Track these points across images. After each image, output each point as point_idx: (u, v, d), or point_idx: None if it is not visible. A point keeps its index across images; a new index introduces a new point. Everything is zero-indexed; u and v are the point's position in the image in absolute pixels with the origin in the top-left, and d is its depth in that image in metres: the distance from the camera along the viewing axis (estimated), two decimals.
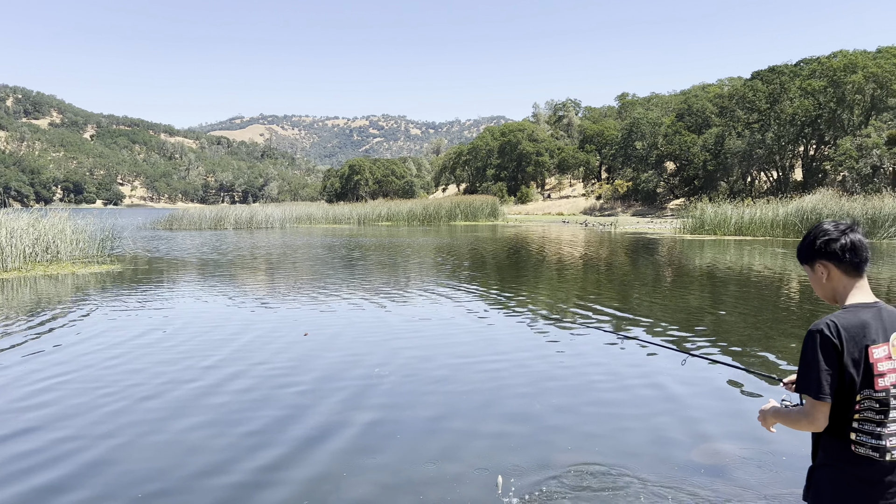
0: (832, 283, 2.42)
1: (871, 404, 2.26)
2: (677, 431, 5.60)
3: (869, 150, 43.30)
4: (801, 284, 15.31)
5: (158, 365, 7.81)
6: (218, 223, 46.76)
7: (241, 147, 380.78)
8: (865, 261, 2.39)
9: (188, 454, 5.13)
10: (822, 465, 2.36)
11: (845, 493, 2.29)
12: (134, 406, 6.29)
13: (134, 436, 5.52)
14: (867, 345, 2.26)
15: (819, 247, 2.41)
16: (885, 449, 2.26)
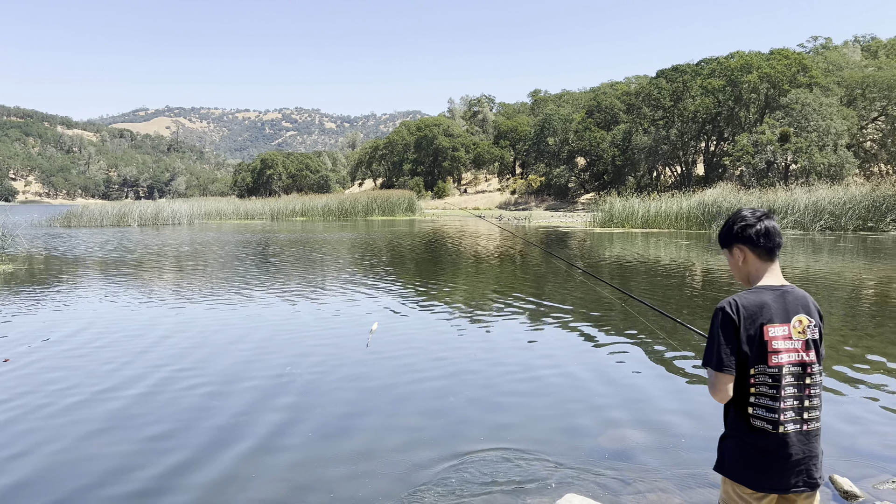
0: (747, 266, 2.58)
1: (765, 379, 2.42)
2: (586, 418, 5.74)
3: (763, 147, 45.84)
4: (704, 274, 16.05)
5: (53, 371, 7.37)
6: (121, 220, 44.68)
7: (146, 140, 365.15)
8: (777, 246, 2.55)
9: (84, 463, 4.86)
10: (727, 436, 2.55)
11: (743, 462, 2.46)
12: (25, 415, 5.91)
13: (26, 446, 5.18)
14: (763, 323, 2.42)
15: (737, 231, 2.57)
16: (778, 422, 2.41)
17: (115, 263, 19.19)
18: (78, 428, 5.58)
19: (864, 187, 35.16)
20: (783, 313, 2.45)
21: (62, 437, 5.38)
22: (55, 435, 5.41)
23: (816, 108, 45.63)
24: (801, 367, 2.45)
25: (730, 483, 2.51)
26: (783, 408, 2.41)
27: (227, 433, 5.45)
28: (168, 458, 4.93)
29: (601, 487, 4.37)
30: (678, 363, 7.60)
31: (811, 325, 2.48)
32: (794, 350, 2.44)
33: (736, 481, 2.48)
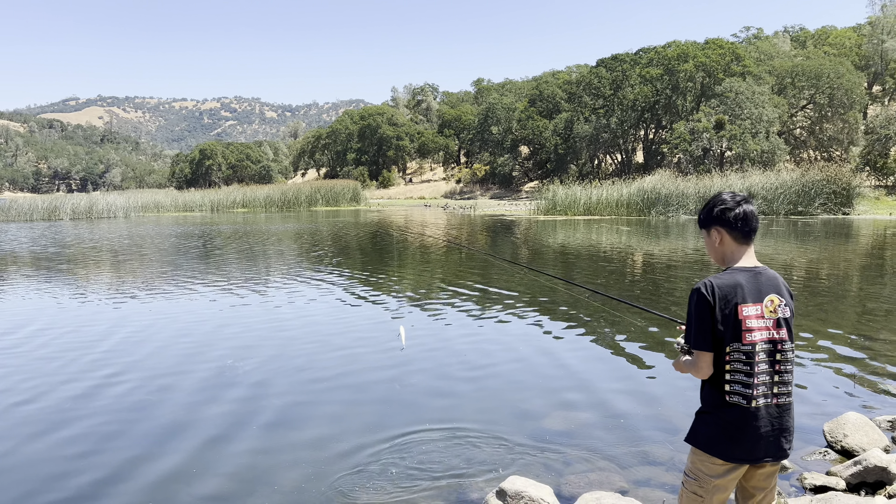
0: (723, 248, 2.66)
1: (739, 357, 2.53)
2: (532, 401, 5.83)
3: (700, 134, 47.08)
4: (645, 259, 16.45)
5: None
6: (52, 213, 43.00)
7: (78, 131, 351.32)
8: (754, 230, 2.65)
9: (24, 466, 4.70)
10: (702, 411, 2.64)
11: (717, 436, 2.55)
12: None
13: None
14: (737, 303, 2.53)
15: (716, 214, 2.64)
16: (751, 396, 2.52)
17: (49, 259, 18.47)
18: (18, 429, 5.38)
19: (795, 173, 36.58)
20: (756, 293, 2.56)
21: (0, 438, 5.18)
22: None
23: (749, 96, 47.08)
24: (773, 345, 2.56)
25: (701, 455, 2.59)
26: (756, 383, 2.52)
27: (169, 430, 5.34)
28: (106, 457, 4.81)
29: (545, 468, 4.47)
30: (622, 346, 7.79)
31: (782, 304, 2.59)
32: (766, 328, 2.55)
33: (710, 454, 2.56)
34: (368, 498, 4.15)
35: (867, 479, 4.09)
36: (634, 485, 4.24)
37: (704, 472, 2.58)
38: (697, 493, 2.59)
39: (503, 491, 3.74)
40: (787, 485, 4.21)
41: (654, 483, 4.26)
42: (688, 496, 2.63)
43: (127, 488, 4.32)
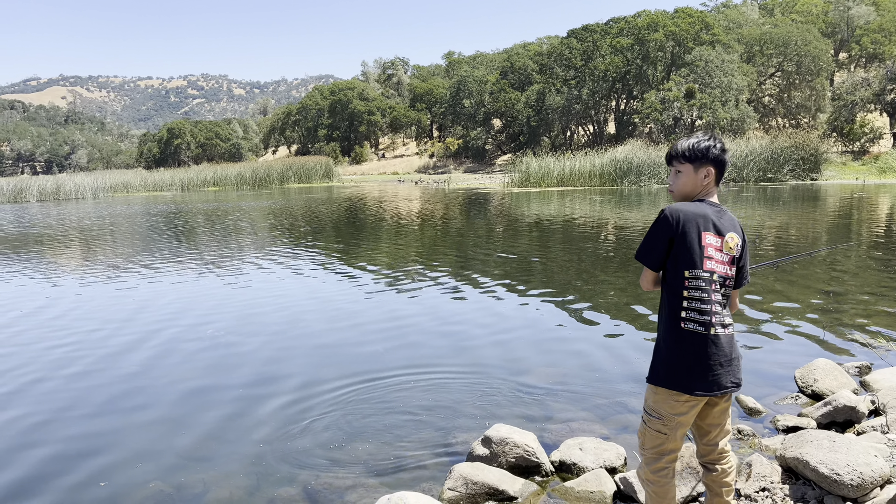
0: (708, 185, 2.73)
1: (698, 283, 2.59)
2: (512, 359, 5.93)
3: (670, 103, 47.37)
4: (617, 228, 16.63)
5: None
6: (18, 195, 42.11)
7: (41, 112, 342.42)
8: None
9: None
10: (659, 346, 2.69)
11: (677, 369, 2.59)
12: None
13: None
14: (701, 230, 2.61)
15: (714, 155, 2.71)
16: (710, 324, 2.58)
17: (18, 239, 18.14)
18: (20, 402, 5.35)
19: (764, 140, 37.07)
20: (718, 227, 2.64)
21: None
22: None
23: (719, 64, 47.38)
24: (724, 280, 2.64)
25: (662, 392, 2.63)
26: (713, 311, 2.58)
27: (170, 391, 5.35)
28: (83, 426, 4.81)
29: (527, 419, 4.57)
30: (598, 305, 7.92)
31: (738, 244, 2.69)
32: (722, 262, 2.63)
33: (671, 388, 2.60)
34: (353, 449, 4.21)
35: (837, 418, 4.25)
36: (615, 432, 4.36)
37: (668, 410, 2.62)
38: (661, 431, 2.65)
39: (488, 438, 3.82)
40: (760, 427, 4.36)
41: (633, 429, 4.37)
42: (651, 434, 2.68)
43: (92, 467, 4.34)
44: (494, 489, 3.47)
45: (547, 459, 3.80)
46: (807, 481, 3.40)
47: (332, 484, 3.83)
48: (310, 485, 3.83)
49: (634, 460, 3.89)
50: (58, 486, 3.95)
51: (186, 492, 3.82)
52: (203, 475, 4.00)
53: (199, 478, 3.97)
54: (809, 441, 3.47)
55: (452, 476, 3.55)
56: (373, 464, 4.06)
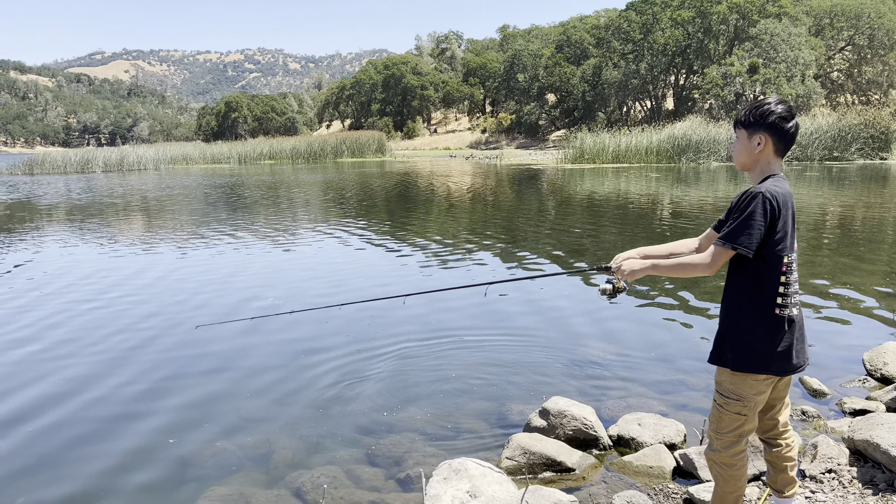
0: (761, 155, 2.54)
1: (792, 267, 2.49)
2: (563, 337, 5.91)
3: (732, 78, 45.87)
4: (673, 206, 16.29)
5: (41, 318, 7.34)
6: (85, 166, 43.62)
7: (105, 85, 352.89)
8: (792, 146, 2.59)
9: (75, 396, 4.91)
10: (740, 330, 2.52)
11: (768, 354, 2.48)
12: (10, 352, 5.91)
13: (24, 379, 5.21)
14: (793, 212, 2.48)
15: (772, 121, 2.50)
16: (794, 304, 2.50)
17: (86, 209, 18.84)
18: (73, 367, 5.61)
19: (831, 117, 35.58)
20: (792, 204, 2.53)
21: (51, 374, 5.41)
22: (43, 371, 5.45)
23: (785, 38, 45.59)
24: (796, 255, 2.56)
25: (743, 376, 2.53)
26: (794, 291, 2.51)
27: (230, 355, 5.53)
28: (165, 386, 5.01)
29: (583, 394, 4.55)
30: (651, 289, 7.81)
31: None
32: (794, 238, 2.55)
33: (761, 373, 2.51)
34: (410, 416, 4.28)
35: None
36: (673, 409, 4.31)
37: (747, 391, 2.54)
38: (741, 413, 2.56)
39: (546, 410, 3.83)
40: (825, 409, 4.25)
41: (693, 407, 4.32)
42: (730, 417, 2.58)
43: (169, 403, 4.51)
44: (552, 460, 3.48)
45: (605, 433, 3.79)
46: (876, 464, 3.31)
47: (390, 448, 3.90)
48: (370, 448, 3.91)
49: (694, 437, 3.85)
50: (128, 441, 4.13)
51: (251, 451, 3.95)
52: (267, 436, 4.13)
53: (263, 438, 4.10)
54: (881, 423, 3.37)
55: (510, 445, 3.58)
56: (429, 431, 4.12)
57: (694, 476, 3.37)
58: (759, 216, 2.40)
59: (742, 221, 2.42)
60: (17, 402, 4.75)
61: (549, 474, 3.47)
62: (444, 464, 3.17)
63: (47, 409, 4.61)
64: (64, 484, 3.65)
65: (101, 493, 3.56)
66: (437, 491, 2.91)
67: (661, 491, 3.28)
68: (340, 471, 3.67)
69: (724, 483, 2.67)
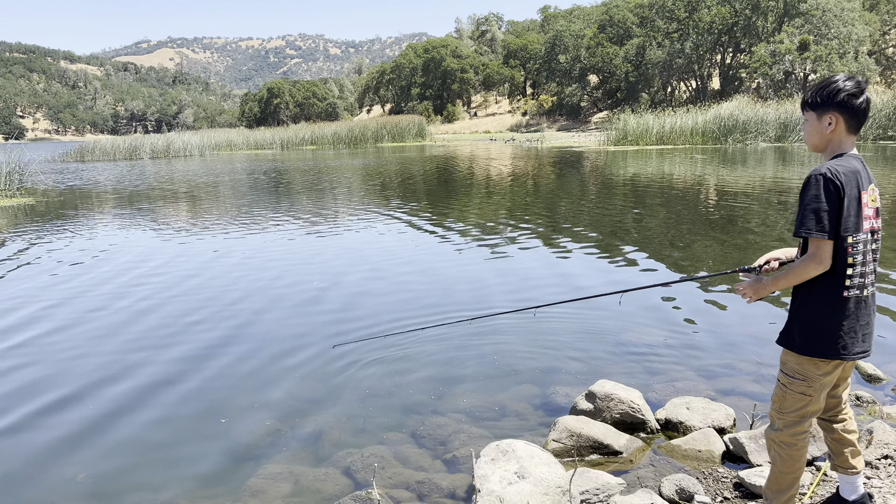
0: (833, 135, 2.48)
1: (859, 247, 2.42)
2: (610, 320, 5.87)
3: (782, 57, 44.57)
4: (719, 189, 15.96)
5: (97, 297, 7.58)
6: (133, 153, 44.65)
7: (151, 73, 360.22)
8: (865, 121, 2.49)
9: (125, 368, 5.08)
10: (808, 314, 2.49)
11: (836, 337, 2.44)
12: (80, 331, 6.13)
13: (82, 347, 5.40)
14: (860, 190, 2.41)
15: (842, 99, 2.42)
16: (864, 286, 2.45)
17: (134, 195, 19.33)
18: (125, 334, 5.80)
19: (886, 95, 34.32)
20: (866, 181, 2.45)
21: (105, 347, 5.60)
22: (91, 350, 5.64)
23: (837, 13, 44.03)
24: (872, 234, 2.48)
25: (809, 358, 2.50)
26: (866, 272, 2.45)
27: (281, 335, 5.65)
28: (239, 366, 5.15)
29: (629, 377, 4.52)
30: (692, 270, 7.69)
31: (877, 193, 2.52)
32: (869, 217, 2.46)
33: (830, 358, 2.48)
34: (454, 398, 4.32)
35: None
36: (721, 393, 4.26)
37: (814, 371, 2.50)
38: (806, 393, 2.53)
39: (592, 393, 3.83)
40: (881, 395, 4.15)
41: (741, 392, 4.27)
42: (794, 397, 2.55)
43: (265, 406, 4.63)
44: (599, 443, 3.48)
45: (652, 417, 3.77)
46: None
47: (436, 430, 3.94)
48: (416, 430, 3.96)
49: (743, 422, 3.80)
50: (179, 422, 4.26)
51: (300, 431, 4.04)
52: (314, 417, 4.21)
53: (311, 419, 4.18)
54: None
55: (557, 428, 3.59)
56: (474, 412, 4.15)
57: (744, 460, 3.33)
58: (822, 198, 2.36)
59: (806, 208, 2.39)
60: (94, 384, 4.93)
61: (596, 457, 3.48)
62: (492, 445, 3.20)
63: (102, 392, 4.78)
64: (120, 460, 3.79)
65: (159, 469, 3.69)
66: (485, 471, 2.94)
67: (711, 475, 3.25)
68: (388, 451, 3.73)
69: (782, 463, 2.63)
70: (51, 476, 3.64)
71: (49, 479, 3.62)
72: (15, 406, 4.52)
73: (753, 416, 3.78)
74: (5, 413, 4.41)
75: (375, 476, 3.40)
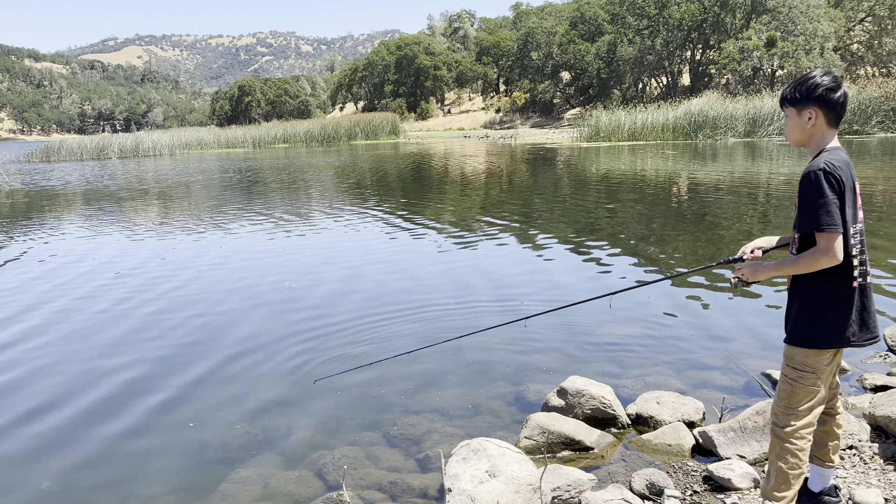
0: (814, 129, 2.52)
1: (859, 238, 2.47)
2: (584, 314, 5.90)
3: (750, 53, 45.15)
4: (691, 183, 16.14)
5: (67, 300, 7.44)
6: (101, 153, 43.90)
7: (119, 71, 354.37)
8: (844, 115, 2.54)
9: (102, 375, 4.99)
10: (813, 307, 2.51)
11: (843, 327, 2.47)
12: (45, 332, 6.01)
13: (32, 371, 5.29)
14: (854, 181, 2.46)
15: (819, 94, 2.46)
16: (866, 273, 2.51)
17: (101, 194, 19.00)
18: (97, 339, 5.69)
19: (851, 90, 34.94)
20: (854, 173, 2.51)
21: (80, 351, 5.50)
22: (77, 347, 5.53)
23: (804, 10, 44.74)
24: (862, 224, 2.54)
25: (817, 352, 2.53)
26: (865, 259, 2.50)
27: (239, 342, 5.58)
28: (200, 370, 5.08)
29: (601, 374, 4.55)
30: (668, 265, 7.76)
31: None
32: (860, 207, 2.52)
33: (838, 348, 2.53)
34: (427, 397, 4.31)
35: None
36: (692, 387, 4.30)
37: (819, 362, 2.54)
38: (815, 385, 2.55)
39: (564, 389, 3.84)
40: (846, 385, 4.22)
41: (712, 385, 4.31)
42: (804, 391, 2.56)
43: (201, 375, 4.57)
44: (570, 439, 3.49)
45: (623, 412, 3.80)
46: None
47: (409, 430, 3.93)
48: (388, 430, 3.94)
49: (712, 415, 3.85)
50: (150, 425, 4.19)
51: (272, 433, 4.00)
52: (286, 419, 4.18)
53: (283, 421, 4.15)
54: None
55: (529, 425, 3.59)
56: (447, 411, 4.15)
57: (713, 453, 3.37)
58: (817, 192, 2.39)
59: (813, 205, 2.41)
60: (54, 388, 4.83)
61: (568, 453, 3.49)
62: (463, 444, 3.19)
63: (71, 397, 4.69)
64: (87, 467, 3.72)
65: (128, 476, 3.63)
66: (457, 471, 2.93)
67: (681, 469, 3.28)
68: (360, 452, 3.71)
69: (792, 459, 2.60)
70: (14, 483, 3.56)
71: (13, 486, 3.54)
72: None
73: (722, 410, 3.83)
74: None
75: (345, 477, 3.38)
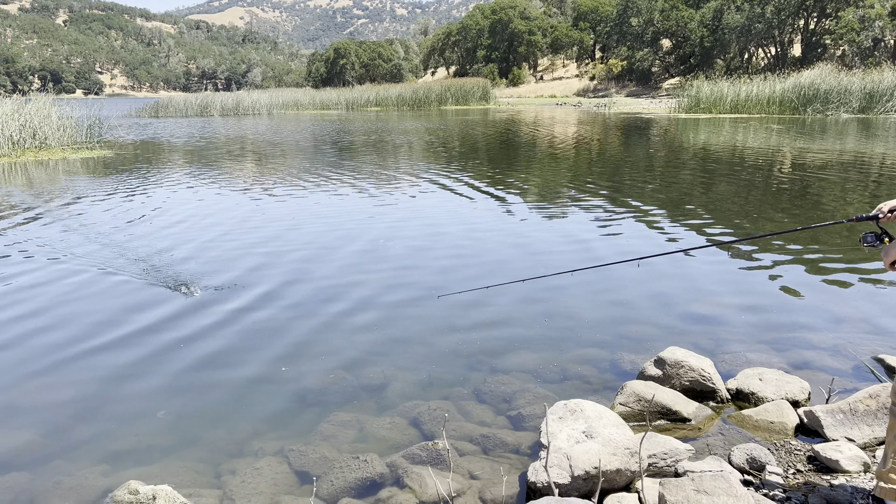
0: None
1: None
2: (678, 290, 5.75)
3: (871, 22, 42.02)
4: (794, 161, 15.32)
5: (166, 250, 7.87)
6: (204, 110, 45.71)
7: (222, 31, 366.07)
8: None
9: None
10: None
11: None
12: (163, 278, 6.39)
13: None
14: None
15: None
16: None
17: (204, 149, 19.84)
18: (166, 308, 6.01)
19: None
20: None
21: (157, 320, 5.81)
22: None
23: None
24: None
25: None
26: None
27: (344, 288, 5.76)
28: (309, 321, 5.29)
29: (697, 347, 4.43)
30: (764, 250, 7.43)
31: None
32: None
33: None
34: (518, 358, 4.33)
35: None
36: (794, 367, 4.13)
37: None
38: None
39: (662, 360, 3.77)
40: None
41: (817, 366, 4.13)
42: None
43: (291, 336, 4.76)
44: (667, 409, 3.43)
45: (723, 386, 3.69)
46: None
47: (499, 388, 3.96)
48: (479, 387, 3.99)
49: (819, 396, 3.69)
50: (249, 369, 4.40)
51: (366, 382, 4.12)
52: (379, 368, 4.29)
53: (377, 370, 4.26)
54: None
55: (624, 392, 3.56)
56: (537, 372, 4.16)
57: (819, 434, 3.24)
58: None
59: None
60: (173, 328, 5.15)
61: (664, 423, 3.44)
62: (560, 403, 3.19)
63: (180, 330, 4.98)
64: (196, 400, 3.95)
65: (231, 409, 3.83)
66: (553, 429, 2.94)
67: (783, 447, 3.18)
68: (452, 405, 3.78)
69: None
70: (133, 410, 3.84)
71: (131, 413, 3.81)
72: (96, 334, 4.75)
73: (830, 391, 3.66)
74: (89, 347, 4.65)
75: (445, 426, 3.45)
